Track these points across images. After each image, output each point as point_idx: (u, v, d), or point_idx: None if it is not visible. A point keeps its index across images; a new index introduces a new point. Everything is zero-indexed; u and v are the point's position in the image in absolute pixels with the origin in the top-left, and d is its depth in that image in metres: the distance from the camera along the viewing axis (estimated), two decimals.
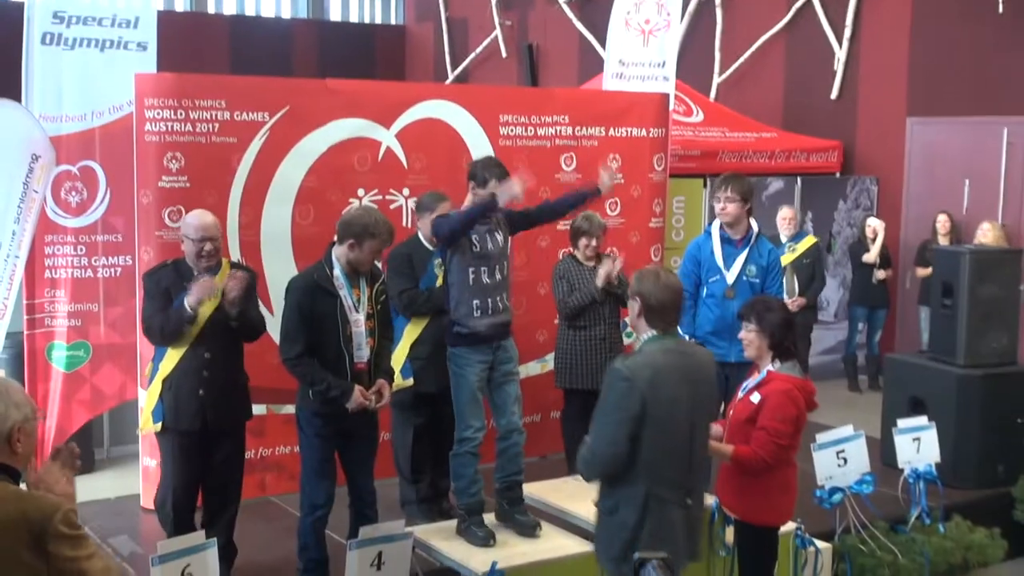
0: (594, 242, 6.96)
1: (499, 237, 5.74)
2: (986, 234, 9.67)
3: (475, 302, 5.62)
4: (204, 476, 5.67)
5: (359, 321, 5.32)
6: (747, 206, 6.68)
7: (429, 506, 6.65)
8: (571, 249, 7.10)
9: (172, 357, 5.53)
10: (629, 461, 4.43)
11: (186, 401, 5.50)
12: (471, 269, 5.62)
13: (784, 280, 7.75)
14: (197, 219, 5.56)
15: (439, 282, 6.33)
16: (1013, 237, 10.30)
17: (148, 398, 5.66)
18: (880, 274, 10.72)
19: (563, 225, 7.38)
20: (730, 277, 6.68)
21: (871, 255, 10.71)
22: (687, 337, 6.71)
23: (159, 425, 5.55)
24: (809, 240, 9.96)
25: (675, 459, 4.49)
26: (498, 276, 5.71)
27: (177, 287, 5.49)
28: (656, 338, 4.55)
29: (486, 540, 5.63)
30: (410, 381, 6.32)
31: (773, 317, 5.02)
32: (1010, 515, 7.25)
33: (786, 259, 9.23)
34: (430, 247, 6.43)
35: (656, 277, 4.58)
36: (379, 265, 5.85)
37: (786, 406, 4.93)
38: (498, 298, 5.69)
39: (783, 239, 9.69)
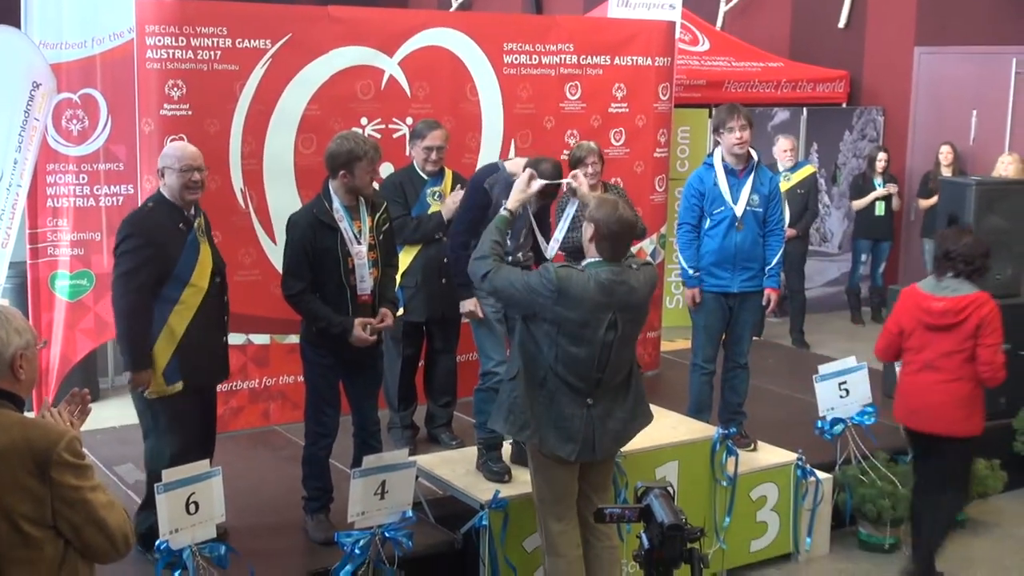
0: (590, 168, 6.60)
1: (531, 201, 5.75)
2: (1007, 167, 9.47)
3: None
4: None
5: (361, 253, 5.28)
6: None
7: (414, 432, 6.72)
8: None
9: (187, 309, 5.01)
10: (534, 346, 4.70)
11: (210, 354, 5.15)
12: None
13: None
14: (180, 150, 5.10)
15: (431, 210, 6.33)
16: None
17: (157, 357, 4.99)
18: (895, 198, 10.67)
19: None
20: (739, 210, 6.56)
21: (860, 203, 10.71)
22: (691, 270, 6.67)
23: (179, 385, 5.02)
24: (807, 170, 9.89)
25: (579, 368, 4.68)
26: (520, 239, 5.75)
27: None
28: (597, 263, 4.69)
29: (501, 475, 5.61)
30: (400, 311, 6.29)
31: None
32: (1010, 447, 7.29)
33: (780, 188, 9.14)
34: (424, 176, 6.42)
35: (614, 208, 4.68)
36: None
37: None
38: (519, 254, 5.74)
39: (780, 169, 9.62)
